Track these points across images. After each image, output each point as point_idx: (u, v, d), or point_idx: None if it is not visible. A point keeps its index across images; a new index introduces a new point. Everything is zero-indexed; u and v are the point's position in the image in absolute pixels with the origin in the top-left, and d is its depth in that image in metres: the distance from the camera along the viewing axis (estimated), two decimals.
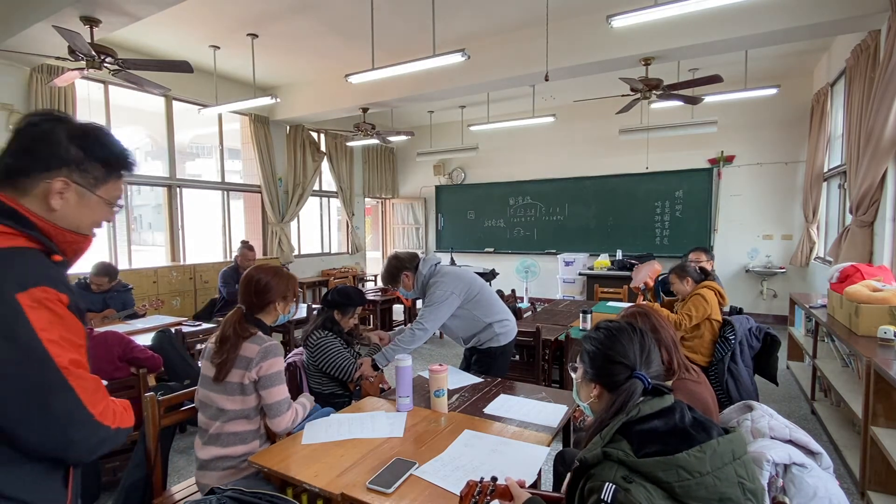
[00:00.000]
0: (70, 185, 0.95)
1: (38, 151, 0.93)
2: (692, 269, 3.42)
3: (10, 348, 0.83)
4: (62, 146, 0.94)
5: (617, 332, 1.23)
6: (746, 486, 0.94)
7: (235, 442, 1.77)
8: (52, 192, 0.93)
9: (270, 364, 1.76)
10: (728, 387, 2.66)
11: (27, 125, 0.95)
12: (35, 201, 0.93)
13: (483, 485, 1.18)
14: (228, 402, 1.76)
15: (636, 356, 1.18)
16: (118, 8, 3.81)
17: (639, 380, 1.13)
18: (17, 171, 0.93)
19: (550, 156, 8.35)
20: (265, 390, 1.76)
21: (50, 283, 0.88)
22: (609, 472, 0.96)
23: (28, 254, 0.90)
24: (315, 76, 6.66)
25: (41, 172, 0.93)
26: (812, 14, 3.99)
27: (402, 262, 2.74)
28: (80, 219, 0.98)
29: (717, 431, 1.01)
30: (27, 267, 0.88)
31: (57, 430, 0.87)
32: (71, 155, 0.95)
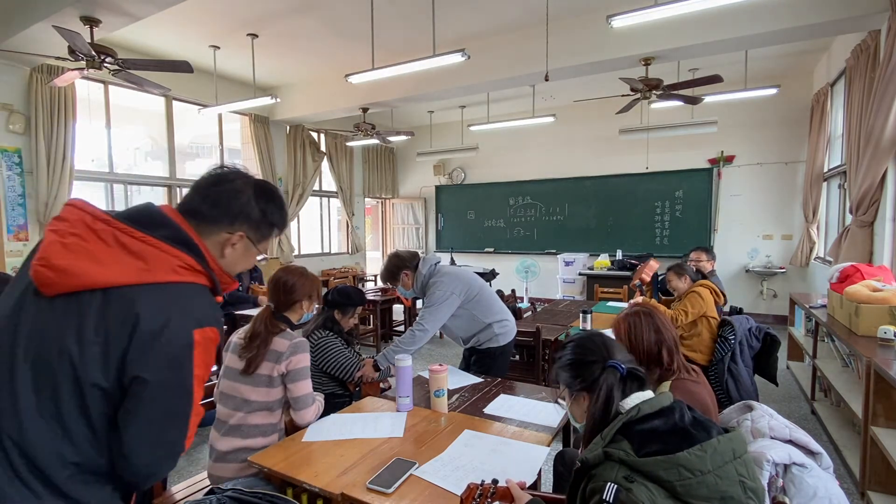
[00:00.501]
0: (244, 238, 1.07)
1: (230, 207, 1.04)
2: (690, 268, 3.49)
3: (171, 379, 0.92)
4: (250, 206, 1.06)
5: (578, 339, 1.27)
6: (747, 484, 0.94)
7: (256, 434, 1.81)
8: (229, 243, 1.05)
9: (300, 359, 1.86)
10: (728, 387, 2.66)
11: (222, 179, 1.06)
12: (212, 245, 1.04)
13: (484, 487, 1.18)
14: (254, 393, 1.83)
15: (602, 349, 1.21)
16: (118, 8, 3.81)
17: (612, 367, 1.16)
18: (206, 218, 1.03)
19: (550, 156, 8.35)
20: (293, 383, 1.85)
21: (217, 325, 0.99)
22: (610, 472, 0.96)
23: (207, 293, 1.01)
24: (315, 76, 6.66)
25: (226, 225, 1.04)
26: (812, 14, 3.99)
27: (402, 260, 2.74)
28: (237, 265, 1.11)
29: (718, 430, 1.01)
30: (206, 306, 0.98)
31: (157, 458, 0.95)
32: (254, 216, 1.07)
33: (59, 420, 0.87)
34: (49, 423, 0.86)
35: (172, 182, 6.34)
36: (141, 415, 0.90)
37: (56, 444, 0.87)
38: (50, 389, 0.87)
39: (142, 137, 6.71)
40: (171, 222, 0.97)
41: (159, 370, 0.89)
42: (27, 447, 0.85)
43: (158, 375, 0.89)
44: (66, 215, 0.93)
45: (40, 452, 0.85)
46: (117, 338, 0.87)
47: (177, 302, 0.93)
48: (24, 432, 0.85)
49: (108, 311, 0.88)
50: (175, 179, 6.36)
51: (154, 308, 0.90)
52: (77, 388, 0.87)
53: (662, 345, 1.64)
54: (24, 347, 0.87)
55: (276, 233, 1.14)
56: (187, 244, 0.97)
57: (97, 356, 0.87)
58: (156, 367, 0.89)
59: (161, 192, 6.38)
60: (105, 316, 0.88)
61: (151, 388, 0.89)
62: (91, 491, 0.90)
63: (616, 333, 1.72)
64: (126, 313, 0.88)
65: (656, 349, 1.64)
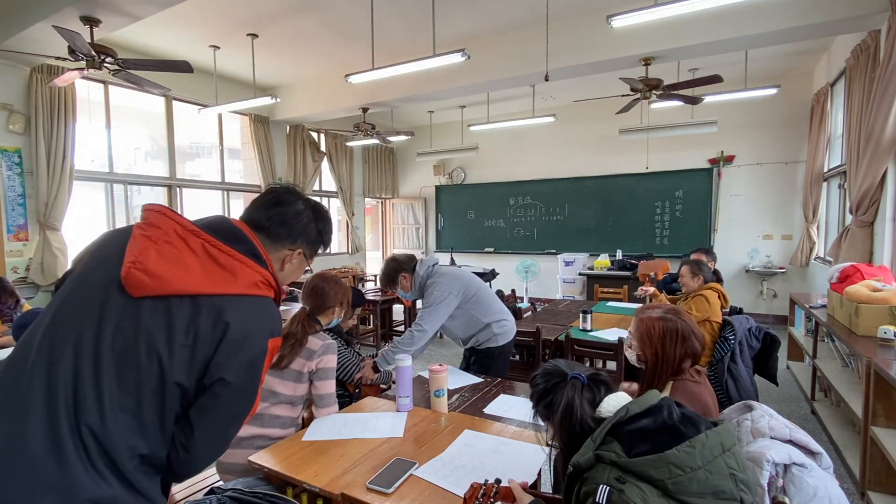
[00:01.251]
0: (301, 255, 1.19)
1: (294, 228, 1.16)
2: (707, 268, 3.37)
3: (248, 382, 1.01)
4: (310, 228, 1.19)
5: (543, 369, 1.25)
6: (738, 476, 0.95)
7: (275, 425, 1.88)
8: (289, 259, 1.17)
9: (329, 359, 1.97)
10: (728, 387, 2.66)
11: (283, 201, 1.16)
12: (274, 260, 1.13)
13: (487, 487, 1.18)
14: (282, 385, 1.91)
15: (564, 368, 1.20)
16: (118, 8, 3.81)
17: (573, 378, 1.15)
18: (271, 235, 1.13)
19: (550, 156, 8.35)
20: (320, 381, 1.96)
21: (281, 335, 1.09)
22: (602, 474, 0.96)
23: (274, 305, 1.09)
24: (315, 76, 6.66)
25: (288, 243, 1.16)
26: (812, 14, 3.99)
27: (399, 263, 2.75)
28: (290, 278, 1.21)
29: (706, 425, 1.01)
30: (276, 318, 1.07)
31: (212, 450, 1.03)
32: (312, 235, 1.20)
33: (136, 415, 0.92)
34: (128, 418, 0.91)
35: (172, 182, 6.34)
36: (215, 413, 0.98)
37: (131, 437, 0.91)
38: (134, 386, 0.92)
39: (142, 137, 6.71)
40: (248, 238, 1.06)
41: (240, 374, 0.98)
42: (104, 438, 0.89)
43: (239, 378, 0.98)
44: (156, 222, 0.99)
45: (115, 444, 0.90)
46: (206, 342, 0.95)
47: (258, 313, 1.02)
48: (105, 424, 0.89)
49: (199, 317, 0.95)
50: (175, 179, 6.36)
51: (241, 317, 0.98)
52: (161, 387, 0.93)
53: (687, 356, 1.62)
54: (111, 343, 0.91)
55: (322, 248, 1.26)
56: (262, 260, 1.06)
57: (185, 358, 0.94)
58: (237, 371, 0.97)
59: (161, 192, 6.38)
60: (196, 321, 0.95)
61: (231, 390, 0.97)
62: (149, 481, 0.96)
63: (642, 330, 1.67)
64: (216, 320, 0.96)
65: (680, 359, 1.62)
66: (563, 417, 1.12)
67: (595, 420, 1.10)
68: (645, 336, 1.66)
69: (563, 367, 1.21)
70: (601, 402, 1.12)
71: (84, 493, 0.86)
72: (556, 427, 1.15)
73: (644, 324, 1.68)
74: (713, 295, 3.14)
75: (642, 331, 1.68)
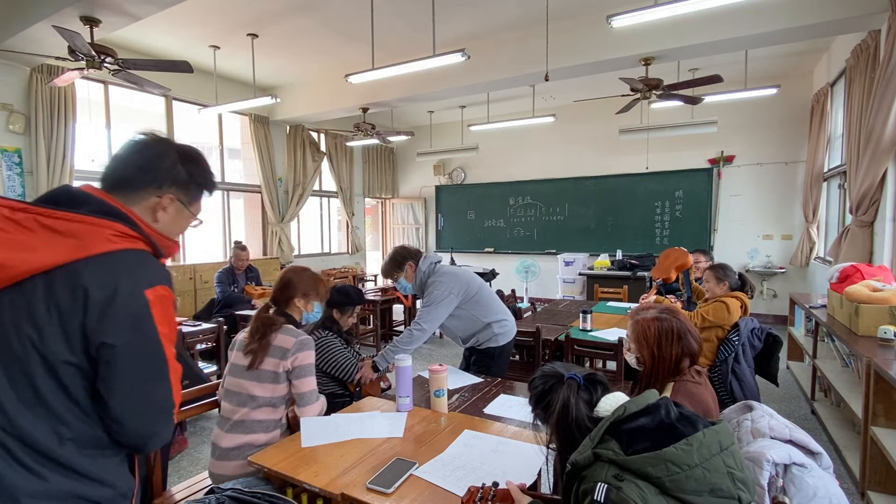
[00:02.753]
0: (174, 201, 1.09)
1: (155, 170, 1.06)
2: (732, 273, 3.11)
3: (138, 340, 0.96)
4: (176, 170, 1.08)
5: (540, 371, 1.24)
6: (736, 475, 0.95)
7: (259, 429, 1.84)
8: (160, 206, 1.07)
9: (305, 356, 1.90)
10: (732, 387, 2.65)
11: (142, 145, 1.08)
12: (143, 211, 1.06)
13: (484, 490, 1.18)
14: (259, 388, 1.86)
15: (560, 370, 1.20)
16: (118, 8, 3.81)
17: (570, 379, 1.15)
18: (133, 183, 1.05)
19: (550, 156, 8.35)
20: (298, 380, 1.88)
21: (168, 283, 1.02)
22: (600, 472, 0.97)
23: (149, 256, 1.03)
24: (315, 76, 6.66)
25: (154, 188, 1.06)
26: (812, 14, 3.99)
27: (409, 251, 2.78)
28: (172, 227, 1.13)
29: (703, 424, 1.01)
30: (151, 267, 1.01)
31: (151, 418, 0.99)
32: (181, 176, 1.09)
33: (42, 404, 0.91)
34: (34, 409, 0.90)
35: None
36: (119, 379, 0.94)
37: (48, 425, 0.91)
38: (24, 378, 0.90)
39: None
40: (93, 198, 0.99)
41: (123, 333, 0.93)
42: (22, 435, 0.89)
43: (124, 338, 0.93)
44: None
45: (37, 436, 0.90)
46: (71, 312, 0.91)
47: (120, 268, 0.95)
48: (15, 423, 0.89)
49: (55, 290, 0.91)
50: None
51: (100, 277, 0.92)
52: (49, 370, 0.91)
53: (684, 356, 1.62)
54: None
55: (206, 195, 1.17)
56: (114, 214, 0.98)
57: (57, 334, 0.91)
58: (118, 332, 0.93)
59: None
60: (53, 296, 0.91)
61: (120, 352, 0.93)
62: (97, 464, 0.95)
63: (638, 331, 1.67)
64: (73, 288, 0.91)
65: (678, 359, 1.62)
66: (560, 417, 1.12)
67: (592, 420, 1.10)
68: (641, 337, 1.66)
69: (559, 369, 1.21)
70: (598, 403, 1.12)
71: (22, 493, 0.87)
72: (552, 427, 1.15)
73: (639, 325, 1.68)
74: (735, 304, 2.94)
75: (638, 332, 1.68)
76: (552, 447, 1.19)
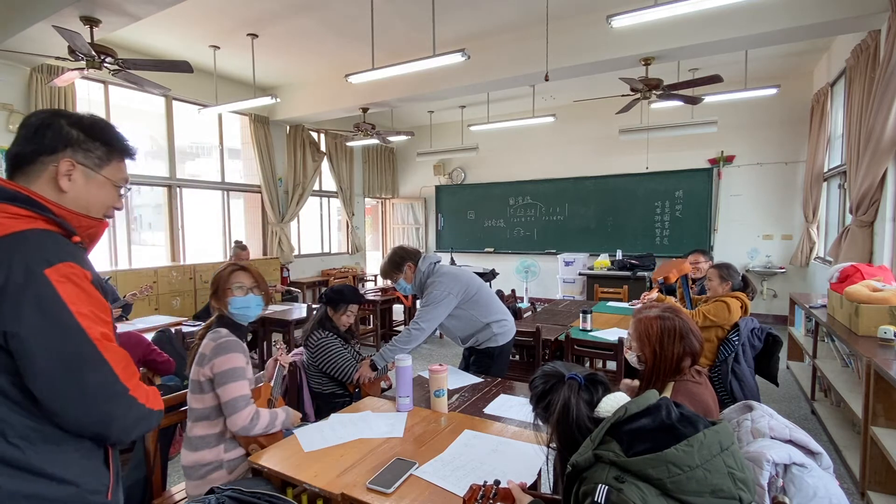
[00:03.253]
0: (75, 165, 0.99)
1: (41, 136, 0.98)
2: (736, 273, 3.12)
3: (45, 323, 0.86)
4: (64, 129, 0.99)
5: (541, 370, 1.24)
6: (736, 475, 0.95)
7: (202, 446, 1.75)
8: (59, 173, 0.98)
9: (224, 360, 1.73)
10: (732, 388, 2.65)
11: (30, 119, 1.00)
12: (45, 186, 0.98)
13: (486, 488, 1.18)
14: (193, 400, 1.77)
15: (561, 369, 1.19)
16: (118, 8, 3.81)
17: (570, 379, 1.15)
18: (24, 159, 0.98)
19: (550, 156, 8.35)
20: (220, 388, 1.72)
21: (74, 260, 0.92)
22: (601, 473, 0.97)
23: (49, 234, 0.93)
24: (315, 76, 6.66)
25: (47, 156, 0.97)
26: (812, 14, 3.99)
27: (407, 252, 2.78)
28: (90, 200, 1.02)
29: (704, 424, 1.01)
30: (51, 245, 0.91)
31: (94, 404, 0.90)
32: (72, 136, 0.99)
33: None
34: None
35: (172, 182, 6.34)
36: (41, 371, 0.86)
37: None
38: None
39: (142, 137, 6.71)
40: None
41: (28, 320, 0.85)
42: None
43: (28, 325, 0.85)
44: None
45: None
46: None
47: (11, 251, 0.87)
48: None
49: None
50: (175, 179, 6.36)
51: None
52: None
53: (686, 355, 1.62)
54: None
55: (114, 153, 1.05)
56: (7, 196, 0.91)
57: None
58: (20, 318, 0.85)
59: (161, 192, 6.38)
60: None
61: (28, 340, 0.85)
62: (54, 461, 0.90)
63: (641, 330, 1.67)
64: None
65: (679, 358, 1.62)
66: (560, 418, 1.12)
67: (592, 420, 1.10)
68: (643, 335, 1.66)
69: (560, 369, 1.21)
70: (599, 403, 1.12)
71: None
72: (552, 427, 1.15)
73: (642, 323, 1.69)
74: (736, 304, 2.94)
75: (640, 330, 1.68)
76: (552, 447, 1.19)
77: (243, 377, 1.76)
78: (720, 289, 3.09)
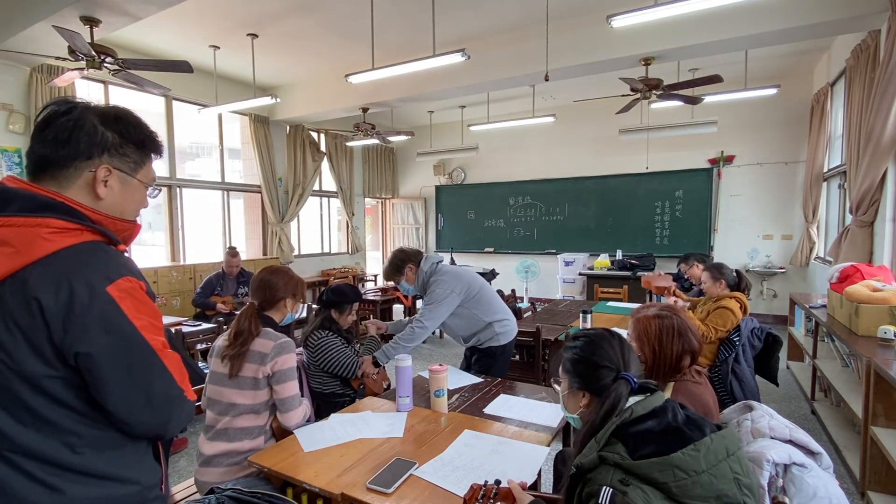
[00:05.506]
0: (112, 171, 0.95)
1: (76, 140, 0.91)
2: (728, 270, 3.13)
3: (112, 341, 0.87)
4: (98, 132, 0.93)
5: (597, 338, 1.25)
6: (742, 481, 0.94)
7: (243, 437, 1.80)
8: (97, 180, 0.93)
9: (285, 359, 1.83)
10: (732, 388, 2.65)
11: (56, 114, 0.92)
12: (80, 192, 0.92)
13: (487, 487, 1.18)
14: (240, 396, 1.81)
15: (619, 358, 1.19)
16: (118, 8, 3.81)
17: (625, 380, 1.13)
18: (54, 163, 0.91)
19: (550, 156, 8.35)
20: (279, 385, 1.82)
21: (131, 273, 0.91)
22: (606, 475, 0.96)
23: (101, 247, 0.91)
24: (315, 76, 6.66)
25: (82, 161, 0.92)
26: (812, 14, 3.99)
27: (407, 255, 2.78)
28: (124, 205, 0.99)
29: (710, 428, 1.01)
30: (107, 260, 0.90)
31: (159, 409, 0.94)
32: (108, 140, 0.94)
33: (43, 421, 0.85)
34: (35, 426, 0.85)
35: (172, 182, 6.34)
36: (111, 385, 0.87)
37: (57, 439, 0.86)
38: (12, 400, 0.84)
39: None
40: (19, 192, 0.87)
41: (96, 339, 0.85)
42: (31, 452, 0.84)
43: (99, 344, 0.85)
44: None
45: (47, 451, 0.85)
46: (32, 328, 0.82)
47: (69, 269, 0.84)
48: (18, 443, 0.84)
49: (7, 307, 0.82)
50: (175, 179, 6.36)
51: (49, 285, 0.82)
52: (35, 388, 0.84)
53: (685, 353, 1.62)
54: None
55: (147, 154, 1.01)
56: (50, 206, 0.86)
57: (28, 353, 0.83)
58: (89, 339, 0.84)
59: (161, 192, 6.38)
60: (7, 313, 0.82)
61: (100, 358, 0.85)
62: (118, 463, 0.92)
63: (639, 329, 1.68)
64: (26, 302, 0.82)
65: (678, 356, 1.62)
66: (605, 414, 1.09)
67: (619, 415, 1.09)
68: (642, 334, 1.67)
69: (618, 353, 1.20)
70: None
71: None
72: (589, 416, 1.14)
73: (641, 323, 1.69)
74: (736, 305, 2.92)
75: (639, 330, 1.68)
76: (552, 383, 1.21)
77: (297, 377, 1.88)
78: (715, 288, 3.11)
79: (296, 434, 1.81)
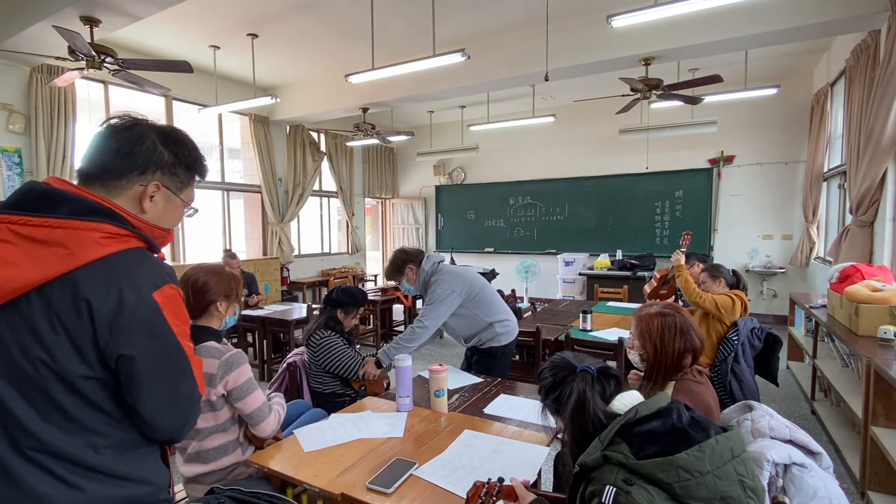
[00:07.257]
0: (160, 188, 1.00)
1: (135, 155, 0.96)
2: (726, 270, 3.19)
3: (154, 344, 0.92)
4: (157, 150, 0.99)
5: (551, 361, 1.27)
6: (747, 483, 0.94)
7: (218, 456, 1.71)
8: (145, 194, 0.98)
9: (237, 375, 1.68)
10: (731, 387, 2.65)
11: (119, 127, 0.98)
12: (127, 202, 0.97)
13: (490, 485, 1.19)
14: (200, 421, 1.67)
15: (572, 361, 1.22)
16: (118, 8, 3.81)
17: (583, 371, 1.16)
18: (112, 172, 0.95)
19: (550, 156, 8.35)
20: (240, 402, 1.69)
21: (173, 280, 0.97)
22: (609, 475, 0.96)
23: (146, 254, 0.97)
24: (315, 76, 6.66)
25: (137, 175, 0.97)
26: (812, 14, 3.99)
27: (408, 255, 2.78)
28: (164, 220, 1.04)
29: (715, 430, 1.01)
30: (154, 267, 0.95)
31: (182, 411, 0.99)
32: (164, 159, 1.00)
33: (71, 420, 0.88)
34: (62, 425, 0.87)
35: None
36: (146, 387, 0.91)
37: (82, 439, 0.89)
38: (44, 398, 0.86)
39: None
40: (70, 195, 0.89)
41: (139, 343, 0.89)
42: (55, 451, 0.87)
43: (141, 348, 0.89)
44: None
45: (71, 451, 0.88)
46: (79, 329, 0.85)
47: (120, 274, 0.88)
48: (44, 441, 0.86)
49: (55, 307, 0.84)
50: None
51: (101, 288, 0.86)
52: (69, 387, 0.87)
53: (687, 351, 1.62)
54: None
55: (193, 177, 1.07)
56: (99, 211, 0.89)
57: (69, 352, 0.85)
58: (134, 342, 0.88)
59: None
60: (54, 313, 0.84)
61: (141, 361, 0.89)
62: (135, 464, 0.95)
63: (642, 327, 1.68)
64: (75, 303, 0.84)
65: (680, 354, 1.62)
66: (575, 411, 1.12)
67: (606, 415, 1.10)
68: (644, 332, 1.67)
69: (571, 360, 1.22)
70: (613, 398, 1.13)
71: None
72: (566, 421, 1.15)
73: (643, 321, 1.69)
74: (738, 302, 2.96)
75: (642, 327, 1.68)
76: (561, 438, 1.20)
77: (256, 385, 1.75)
78: (715, 288, 3.14)
79: (296, 434, 1.81)
